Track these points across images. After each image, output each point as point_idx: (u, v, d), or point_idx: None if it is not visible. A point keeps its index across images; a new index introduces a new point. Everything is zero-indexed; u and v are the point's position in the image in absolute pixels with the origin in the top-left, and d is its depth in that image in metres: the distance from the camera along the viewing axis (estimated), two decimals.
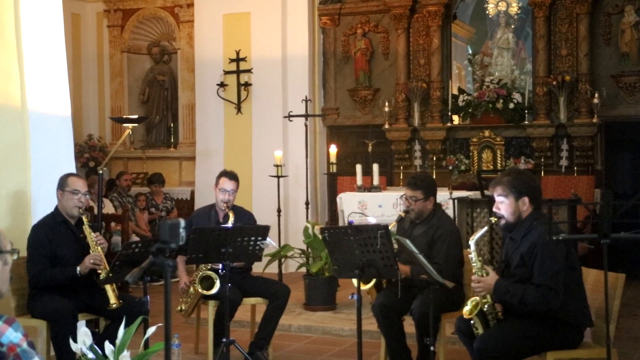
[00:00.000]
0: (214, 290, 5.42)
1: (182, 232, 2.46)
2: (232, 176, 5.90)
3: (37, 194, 5.76)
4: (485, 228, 4.57)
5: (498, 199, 4.30)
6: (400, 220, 5.44)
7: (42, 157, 5.84)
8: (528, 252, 4.16)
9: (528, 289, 4.09)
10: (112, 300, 5.02)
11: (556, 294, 4.05)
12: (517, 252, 4.24)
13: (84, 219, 5.21)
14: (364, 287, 5.09)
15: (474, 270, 4.30)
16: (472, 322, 4.25)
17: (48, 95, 6.00)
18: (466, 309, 4.24)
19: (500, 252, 4.67)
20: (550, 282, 4.05)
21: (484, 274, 4.24)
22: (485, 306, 4.21)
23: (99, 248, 5.13)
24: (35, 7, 5.87)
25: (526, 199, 4.25)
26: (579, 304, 4.20)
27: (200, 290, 5.51)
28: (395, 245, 4.89)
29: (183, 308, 5.76)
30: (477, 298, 4.23)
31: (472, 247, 4.32)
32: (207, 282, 5.49)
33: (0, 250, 2.70)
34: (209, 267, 5.54)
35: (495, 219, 4.33)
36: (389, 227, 5.14)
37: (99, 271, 5.06)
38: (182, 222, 2.47)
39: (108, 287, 5.04)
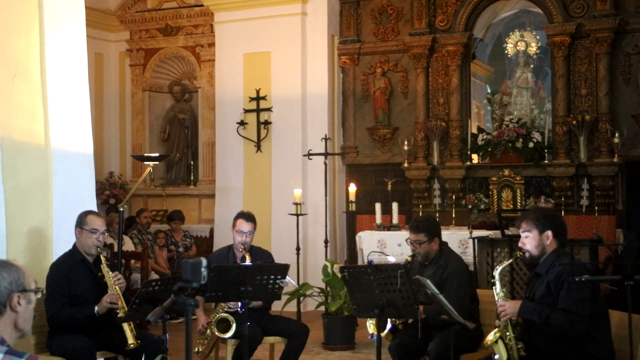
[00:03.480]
0: (230, 334, 5.38)
1: (204, 272, 2.47)
2: (248, 217, 5.90)
3: (58, 231, 5.78)
4: (510, 260, 4.68)
5: (523, 234, 4.42)
6: (406, 265, 5.37)
7: (64, 195, 5.87)
8: (555, 280, 4.21)
9: (554, 311, 4.15)
10: (130, 340, 5.00)
11: (581, 321, 4.09)
12: (542, 283, 4.29)
13: (102, 258, 5.20)
14: (382, 334, 5.04)
15: (497, 298, 4.39)
16: (492, 355, 4.28)
17: (71, 134, 6.06)
18: (488, 338, 4.30)
19: (525, 290, 4.71)
20: (577, 308, 4.10)
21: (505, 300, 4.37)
22: (508, 339, 4.25)
23: (117, 288, 5.11)
24: (60, 47, 5.97)
25: (550, 233, 4.34)
26: (604, 340, 4.19)
27: (216, 333, 5.47)
28: None
29: (200, 350, 5.71)
30: (498, 329, 4.28)
31: (497, 276, 4.44)
32: (224, 325, 5.46)
33: (24, 288, 2.72)
34: (225, 308, 5.52)
35: (521, 253, 4.43)
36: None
37: (117, 311, 5.05)
38: (204, 262, 2.48)
39: (126, 327, 5.01)
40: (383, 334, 5.08)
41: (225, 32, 11.01)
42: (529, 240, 4.37)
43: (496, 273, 4.46)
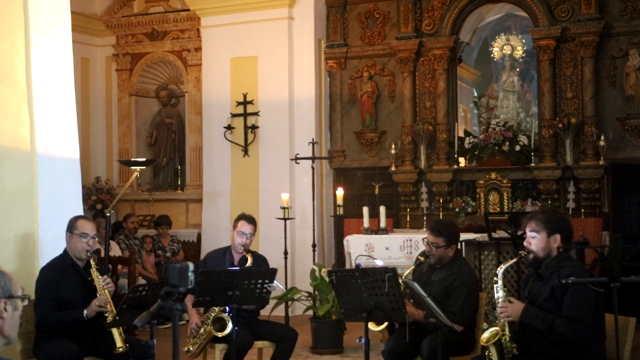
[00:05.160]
0: (226, 332, 5.36)
1: (191, 276, 2.47)
2: (250, 220, 5.91)
3: (44, 236, 5.77)
4: (515, 259, 4.57)
5: (530, 234, 4.34)
6: (418, 265, 5.35)
7: (50, 200, 5.85)
8: (559, 285, 4.15)
9: (558, 319, 4.11)
10: (119, 344, 4.99)
11: (586, 328, 4.08)
12: (546, 286, 4.25)
13: (92, 262, 5.19)
14: (377, 329, 5.06)
15: (497, 298, 4.33)
16: (487, 353, 4.25)
17: (57, 138, 6.04)
18: (484, 336, 4.26)
19: (522, 289, 4.68)
20: (582, 316, 4.08)
21: (508, 302, 4.29)
22: (504, 339, 4.22)
23: (106, 291, 5.11)
24: (46, 52, 5.95)
25: (558, 237, 4.29)
26: (598, 344, 4.20)
27: (212, 331, 5.45)
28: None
29: (191, 349, 5.67)
30: (498, 328, 4.24)
31: (500, 275, 4.36)
32: (219, 324, 5.44)
33: (11, 295, 2.70)
34: (221, 308, 5.50)
35: (525, 253, 4.36)
36: (407, 272, 5.13)
37: (106, 314, 5.03)
38: (191, 266, 2.47)
39: (115, 331, 5.00)
40: (380, 328, 5.09)
41: (212, 36, 10.99)
42: (536, 241, 4.30)
43: (500, 272, 4.38)
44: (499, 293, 4.33)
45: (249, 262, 5.67)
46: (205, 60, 11.17)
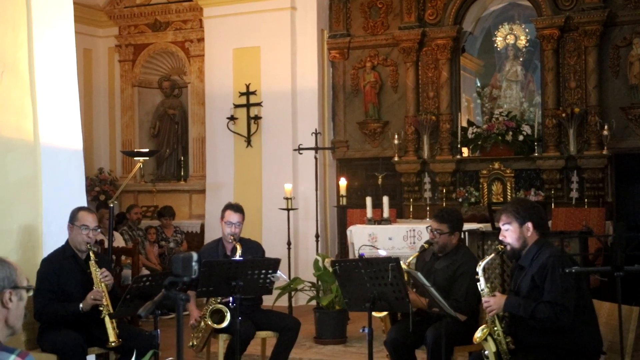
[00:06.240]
0: (225, 324, 5.38)
1: (195, 266, 2.47)
2: (237, 208, 5.89)
3: (48, 228, 5.76)
4: (492, 255, 4.63)
5: (503, 227, 4.40)
6: (422, 252, 5.39)
7: (53, 191, 5.85)
8: (538, 272, 4.21)
9: (540, 304, 4.13)
10: (112, 338, 4.98)
11: (567, 311, 4.08)
12: (527, 276, 4.28)
13: (91, 254, 5.17)
14: (379, 315, 5.07)
15: (482, 294, 4.38)
16: (482, 351, 4.28)
17: (60, 130, 6.04)
18: (477, 335, 4.28)
19: (509, 283, 4.71)
20: (562, 299, 4.09)
21: (492, 296, 4.34)
22: (496, 334, 4.24)
23: (103, 285, 5.09)
24: (49, 43, 5.94)
25: (530, 225, 4.33)
26: (590, 329, 4.20)
27: (211, 324, 5.47)
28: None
29: (195, 343, 5.69)
30: (486, 325, 4.27)
31: (480, 272, 4.41)
32: (218, 316, 5.46)
33: (16, 285, 2.71)
34: (219, 300, 5.51)
35: (502, 247, 4.41)
36: (411, 258, 5.14)
37: (100, 308, 5.02)
38: (195, 256, 2.48)
39: (108, 324, 4.99)
40: (382, 314, 5.09)
41: (215, 27, 10.98)
42: (510, 233, 4.36)
43: (479, 269, 4.42)
44: (484, 290, 4.38)
45: (239, 251, 5.65)
46: (208, 51, 11.15)
